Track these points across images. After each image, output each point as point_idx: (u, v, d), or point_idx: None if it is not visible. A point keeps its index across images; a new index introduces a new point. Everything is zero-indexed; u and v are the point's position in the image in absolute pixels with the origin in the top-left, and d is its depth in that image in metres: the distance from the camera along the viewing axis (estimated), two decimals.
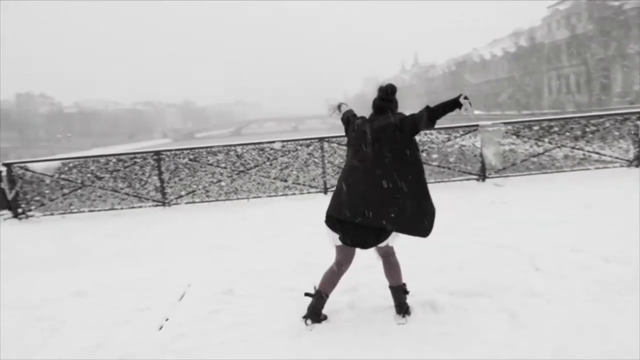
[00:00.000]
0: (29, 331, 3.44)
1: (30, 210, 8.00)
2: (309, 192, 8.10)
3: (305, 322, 3.19)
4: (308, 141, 8.11)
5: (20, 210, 7.95)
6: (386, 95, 3.17)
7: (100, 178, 8.00)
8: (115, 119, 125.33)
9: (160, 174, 8.00)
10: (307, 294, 3.26)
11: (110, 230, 6.72)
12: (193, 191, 8.10)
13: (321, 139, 8.09)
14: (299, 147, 8.07)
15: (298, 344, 2.97)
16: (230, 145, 8.12)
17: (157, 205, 8.05)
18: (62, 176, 8.01)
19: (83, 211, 7.98)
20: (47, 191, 8.02)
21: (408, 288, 3.30)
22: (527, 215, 5.54)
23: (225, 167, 8.08)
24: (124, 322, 3.44)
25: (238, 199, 8.05)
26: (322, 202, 6.57)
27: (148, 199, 8.06)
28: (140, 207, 8.02)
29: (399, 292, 3.27)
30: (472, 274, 3.85)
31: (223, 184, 8.09)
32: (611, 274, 3.56)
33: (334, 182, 8.07)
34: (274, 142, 8.09)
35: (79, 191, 8.04)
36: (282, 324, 3.22)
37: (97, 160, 8.01)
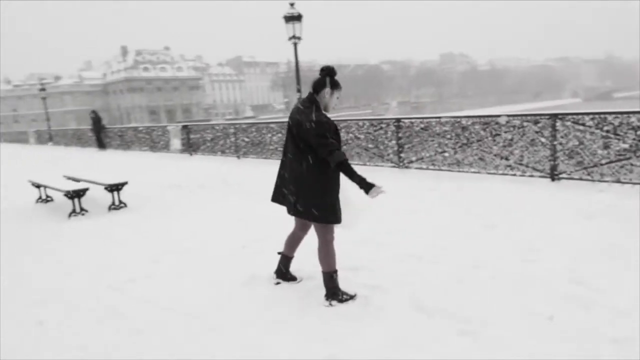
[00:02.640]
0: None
1: None
2: (531, 175, 7.14)
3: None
4: (537, 117, 7.04)
5: None
6: None
7: (358, 138, 9.66)
8: (524, 76, 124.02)
9: (398, 139, 8.90)
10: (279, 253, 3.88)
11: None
12: (421, 158, 8.61)
13: (553, 116, 6.85)
14: (525, 124, 7.14)
15: None
16: (456, 117, 8.05)
17: (393, 167, 9.05)
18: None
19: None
20: None
21: None
22: None
23: (450, 139, 8.14)
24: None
25: (459, 171, 8.02)
26: (546, 190, 6.15)
27: (387, 160, 9.17)
28: (382, 166, 9.24)
29: (326, 278, 3.42)
30: None
31: (446, 154, 8.20)
32: None
33: (564, 167, 6.81)
34: (499, 116, 7.47)
35: (344, 147, 10.00)
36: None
37: (357, 123, 9.68)
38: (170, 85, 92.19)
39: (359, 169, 3.34)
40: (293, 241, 3.77)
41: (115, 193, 7.18)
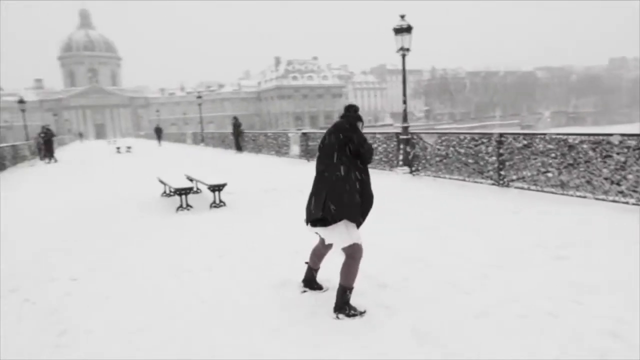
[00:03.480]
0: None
1: (418, 169, 10.46)
2: None
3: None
4: None
5: (413, 168, 10.57)
6: None
7: (458, 152, 9.28)
8: None
9: (499, 155, 8.34)
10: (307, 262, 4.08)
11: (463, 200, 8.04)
12: (522, 177, 7.95)
13: None
14: None
15: None
16: (562, 134, 7.25)
17: (492, 184, 8.50)
18: (437, 147, 9.87)
19: (444, 177, 9.63)
20: (428, 157, 10.17)
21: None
22: None
23: (554, 158, 7.37)
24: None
25: (563, 194, 7.23)
26: None
27: (487, 177, 8.64)
28: (481, 183, 8.74)
29: (340, 292, 3.50)
30: None
31: (550, 175, 7.45)
32: None
33: None
34: (611, 135, 6.56)
35: (444, 160, 9.68)
36: None
37: (458, 136, 9.30)
38: (315, 92, 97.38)
39: (458, 185, 3.44)
40: (317, 255, 3.94)
41: (217, 193, 8.05)
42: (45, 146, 21.80)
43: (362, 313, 3.48)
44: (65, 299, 4.11)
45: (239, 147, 21.85)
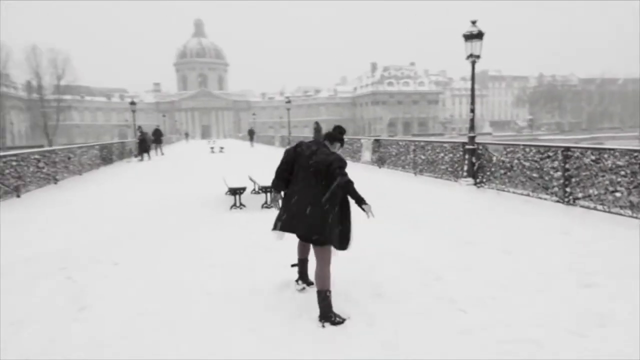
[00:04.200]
0: None
1: (482, 181, 9.99)
2: None
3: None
4: None
5: (477, 180, 10.11)
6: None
7: (523, 165, 8.72)
8: None
9: (564, 170, 7.72)
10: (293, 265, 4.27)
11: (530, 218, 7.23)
12: (589, 195, 7.27)
13: None
14: None
15: None
16: (635, 151, 6.52)
17: (557, 201, 7.88)
18: (502, 158, 9.36)
19: (508, 191, 9.09)
20: (493, 169, 9.67)
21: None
22: None
23: (624, 176, 6.66)
24: None
25: (632, 216, 6.51)
26: None
27: (552, 194, 8.02)
28: (545, 199, 8.14)
29: (320, 297, 3.58)
30: None
31: (618, 194, 6.74)
32: None
33: None
34: None
35: (509, 173, 9.14)
36: None
37: (524, 149, 8.73)
38: (410, 99, 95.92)
39: (521, 200, 3.48)
40: (303, 247, 4.10)
41: (268, 193, 8.42)
42: (139, 145, 23.78)
43: (343, 320, 3.53)
44: (100, 280, 4.65)
45: None
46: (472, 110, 10.59)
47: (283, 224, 3.74)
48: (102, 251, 5.69)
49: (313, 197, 3.57)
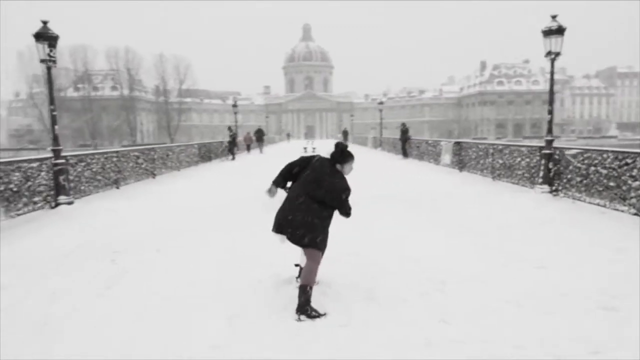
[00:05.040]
0: None
1: (558, 189, 9.19)
2: None
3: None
4: None
5: (553, 187, 9.33)
6: None
7: (599, 173, 7.87)
8: None
9: None
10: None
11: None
12: None
13: None
14: None
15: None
16: None
17: (635, 214, 7.02)
18: (577, 164, 8.53)
19: (584, 200, 8.27)
20: (569, 175, 8.85)
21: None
22: None
23: None
24: None
25: None
26: None
27: (630, 205, 7.15)
28: (621, 211, 7.30)
29: (300, 290, 3.72)
30: None
31: None
32: None
33: None
34: None
35: (584, 181, 8.30)
36: None
37: (601, 154, 7.89)
38: (522, 99, 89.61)
39: (596, 211, 3.51)
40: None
41: None
42: (229, 146, 25.10)
43: (320, 315, 3.64)
44: (137, 264, 5.25)
45: (405, 153, 22.04)
46: (550, 112, 9.75)
47: (275, 225, 3.91)
48: (153, 241, 6.34)
49: (308, 209, 3.70)
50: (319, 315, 3.64)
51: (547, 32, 9.41)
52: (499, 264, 4.95)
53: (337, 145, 3.95)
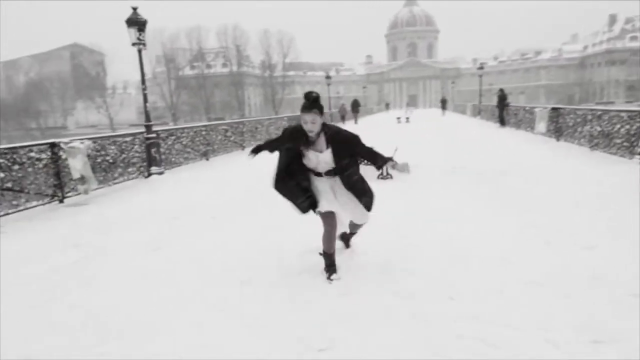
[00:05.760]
0: None
1: None
2: None
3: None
4: None
5: None
6: None
7: None
8: None
9: None
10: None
11: None
12: None
13: None
14: None
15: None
16: None
17: None
18: None
19: None
20: None
21: None
22: None
23: None
24: None
25: None
26: None
27: None
28: None
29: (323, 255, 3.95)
30: None
31: None
32: None
33: None
34: None
35: None
36: None
37: None
38: None
39: None
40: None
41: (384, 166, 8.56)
42: None
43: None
44: (189, 228, 5.79)
45: (502, 121, 20.63)
46: None
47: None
48: (220, 207, 6.87)
49: None
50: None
51: None
52: (541, 244, 4.59)
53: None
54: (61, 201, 7.81)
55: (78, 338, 3.11)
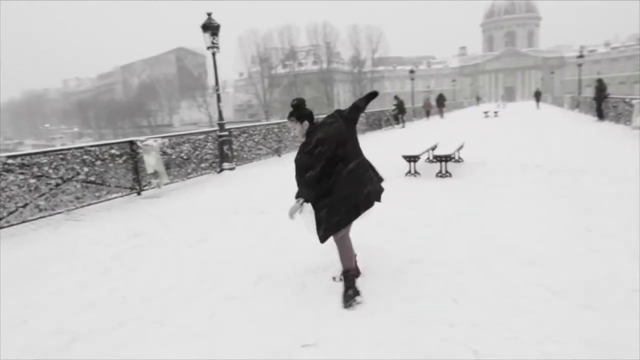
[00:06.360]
0: None
1: None
2: None
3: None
4: None
5: None
6: None
7: None
8: None
9: None
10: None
11: None
12: None
13: None
14: None
15: None
16: None
17: None
18: None
19: None
20: None
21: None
22: None
23: None
24: None
25: None
26: None
27: None
28: None
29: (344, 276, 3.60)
30: None
31: None
32: None
33: None
34: None
35: None
36: None
37: None
38: None
39: None
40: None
41: (443, 163, 8.31)
42: (395, 113, 24.81)
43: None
44: (235, 221, 6.14)
45: (600, 115, 18.75)
46: None
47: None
48: (278, 202, 7.15)
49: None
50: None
51: None
52: (585, 249, 4.23)
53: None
54: (139, 193, 8.65)
55: (104, 318, 3.51)
